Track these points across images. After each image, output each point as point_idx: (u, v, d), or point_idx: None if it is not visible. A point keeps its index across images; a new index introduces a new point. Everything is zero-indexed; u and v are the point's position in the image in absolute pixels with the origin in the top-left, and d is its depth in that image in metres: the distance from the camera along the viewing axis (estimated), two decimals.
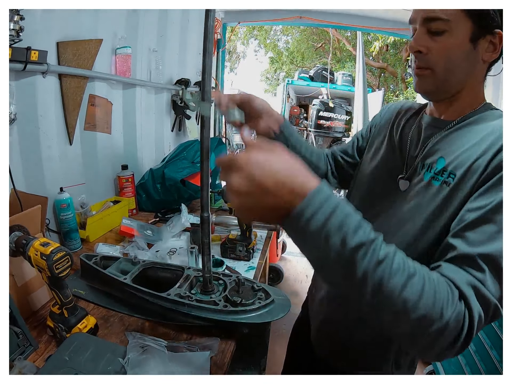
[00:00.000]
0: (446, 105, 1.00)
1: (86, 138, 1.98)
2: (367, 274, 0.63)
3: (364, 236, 0.64)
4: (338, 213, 0.64)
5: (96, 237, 1.88)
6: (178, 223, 1.89)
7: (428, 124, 1.05)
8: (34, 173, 1.63)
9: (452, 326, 0.66)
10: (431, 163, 0.94)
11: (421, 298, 0.65)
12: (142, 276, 1.33)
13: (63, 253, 0.98)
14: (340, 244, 0.63)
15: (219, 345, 1.07)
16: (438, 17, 0.87)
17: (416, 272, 0.68)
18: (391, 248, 0.68)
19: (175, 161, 2.38)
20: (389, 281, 0.64)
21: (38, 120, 1.61)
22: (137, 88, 2.44)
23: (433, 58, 0.91)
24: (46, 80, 1.60)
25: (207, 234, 1.07)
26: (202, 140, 0.97)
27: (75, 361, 0.91)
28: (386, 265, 0.65)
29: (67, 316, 1.06)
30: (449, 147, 0.93)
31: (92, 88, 1.97)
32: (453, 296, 0.69)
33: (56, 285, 1.02)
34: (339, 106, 8.53)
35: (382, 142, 1.19)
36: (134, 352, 0.92)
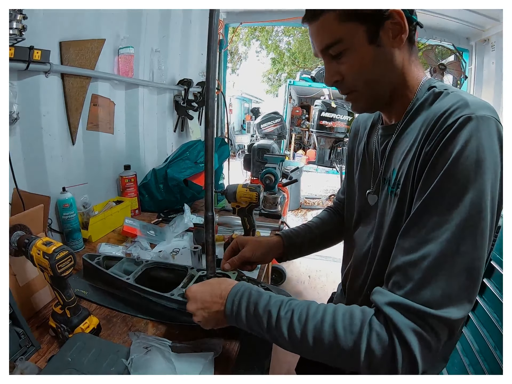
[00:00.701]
0: (389, 109, 1.00)
1: (89, 138, 1.98)
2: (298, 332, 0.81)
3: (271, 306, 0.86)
4: (248, 303, 0.90)
5: (98, 237, 1.87)
6: (181, 223, 1.88)
7: (381, 134, 1.06)
8: (37, 173, 1.62)
9: (376, 348, 0.72)
10: (389, 177, 0.96)
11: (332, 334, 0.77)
12: (145, 276, 1.32)
13: (65, 252, 0.96)
14: (264, 322, 0.86)
15: (223, 346, 1.06)
16: (330, 42, 0.87)
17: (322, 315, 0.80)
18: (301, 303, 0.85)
19: (178, 161, 2.38)
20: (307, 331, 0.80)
21: (41, 120, 1.60)
22: (139, 88, 2.44)
23: (349, 80, 0.92)
24: (48, 79, 1.60)
25: (211, 233, 1.06)
26: (206, 139, 0.95)
27: (77, 362, 0.90)
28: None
29: (70, 316, 1.05)
30: (397, 154, 0.94)
31: (95, 88, 1.96)
32: (365, 322, 0.75)
33: (58, 285, 1.01)
34: (341, 106, 8.53)
35: (357, 161, 1.20)
36: (137, 352, 0.91)
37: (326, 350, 0.78)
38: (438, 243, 0.72)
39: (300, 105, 13.05)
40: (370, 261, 1.04)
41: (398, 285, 0.76)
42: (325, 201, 7.72)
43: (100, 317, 1.19)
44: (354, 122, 1.31)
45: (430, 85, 0.91)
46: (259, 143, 3.03)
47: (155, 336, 1.02)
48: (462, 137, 0.71)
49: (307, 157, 11.05)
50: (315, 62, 17.79)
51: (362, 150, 1.17)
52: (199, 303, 0.96)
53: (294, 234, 1.36)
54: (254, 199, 1.59)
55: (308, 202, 7.60)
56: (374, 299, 0.79)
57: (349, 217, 1.25)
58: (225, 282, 1.00)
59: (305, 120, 12.56)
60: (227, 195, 1.62)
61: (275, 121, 8.09)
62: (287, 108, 10.73)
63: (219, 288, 0.97)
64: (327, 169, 9.92)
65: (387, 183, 0.97)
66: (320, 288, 3.93)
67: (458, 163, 0.71)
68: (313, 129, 8.96)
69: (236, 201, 1.62)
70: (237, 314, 0.90)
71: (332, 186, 9.04)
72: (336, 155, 8.83)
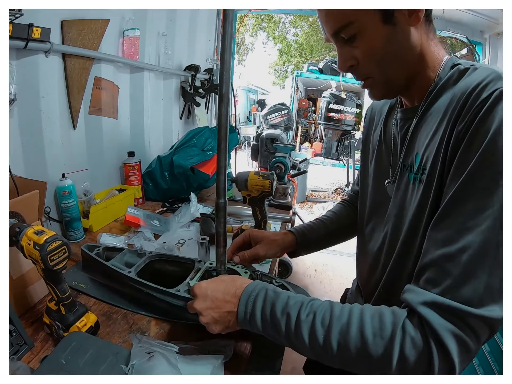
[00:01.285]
0: (409, 92, 0.92)
1: (91, 123, 1.89)
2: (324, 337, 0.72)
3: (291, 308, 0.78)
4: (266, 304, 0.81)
5: (99, 227, 1.78)
6: (187, 213, 1.80)
7: (400, 118, 0.98)
8: (35, 158, 1.53)
9: (410, 355, 0.64)
10: (412, 163, 0.88)
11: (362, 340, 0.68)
12: (148, 269, 1.23)
13: (58, 242, 0.86)
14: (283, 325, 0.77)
15: (233, 348, 0.97)
16: (341, 25, 0.79)
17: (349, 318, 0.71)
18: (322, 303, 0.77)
19: (184, 148, 2.28)
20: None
21: (40, 102, 1.51)
22: (145, 72, 2.34)
23: (365, 65, 0.84)
24: (49, 59, 1.50)
25: (223, 223, 0.96)
26: (220, 116, 0.85)
27: (72, 365, 0.80)
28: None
29: (65, 314, 0.95)
30: (420, 138, 0.86)
31: (98, 70, 1.87)
32: (397, 326, 0.67)
33: (51, 279, 0.91)
34: (349, 98, 8.47)
35: (373, 150, 1.13)
36: (139, 358, 0.80)
37: (352, 357, 0.69)
38: (479, 232, 0.63)
39: (307, 97, 12.94)
40: (387, 256, 0.96)
41: (434, 281, 0.67)
42: (331, 194, 7.67)
43: (99, 313, 1.11)
44: (369, 110, 1.23)
45: (453, 63, 0.83)
46: (268, 132, 2.96)
47: (159, 341, 0.91)
48: (499, 111, 0.63)
49: (313, 150, 10.98)
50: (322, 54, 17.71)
51: (378, 137, 1.09)
52: (209, 302, 0.87)
53: (308, 230, 1.29)
54: (267, 187, 1.49)
55: (314, 195, 7.54)
56: (407, 298, 0.70)
57: (363, 209, 1.18)
58: (239, 280, 0.91)
59: (311, 112, 12.47)
60: (238, 183, 1.53)
61: (282, 112, 8.05)
62: (293, 100, 10.68)
63: (233, 285, 0.88)
64: (333, 162, 9.87)
65: (407, 170, 0.89)
66: (327, 282, 3.90)
67: (497, 139, 0.62)
68: (320, 121, 8.90)
69: (247, 189, 1.53)
70: (251, 316, 0.81)
71: (338, 179, 8.94)
72: (343, 148, 8.77)
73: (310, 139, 12.56)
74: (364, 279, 1.16)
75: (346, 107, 8.40)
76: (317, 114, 11.27)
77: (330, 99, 8.50)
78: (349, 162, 7.60)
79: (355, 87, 9.90)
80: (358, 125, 8.30)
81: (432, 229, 0.72)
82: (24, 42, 1.31)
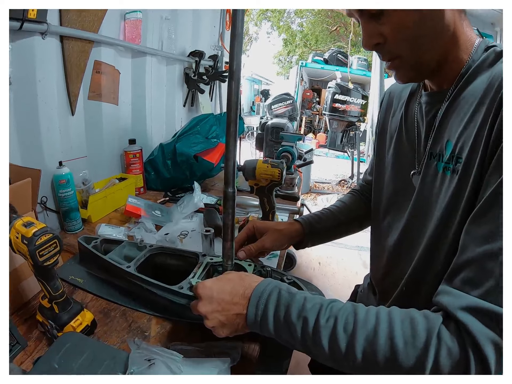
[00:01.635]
0: (437, 75, 0.84)
1: (90, 108, 1.80)
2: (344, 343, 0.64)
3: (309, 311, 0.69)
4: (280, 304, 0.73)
5: (99, 218, 1.71)
6: (190, 203, 1.73)
7: (427, 102, 0.89)
8: (31, 145, 1.45)
9: (444, 365, 0.57)
10: (441, 151, 0.81)
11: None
12: (148, 264, 1.16)
13: (49, 236, 0.78)
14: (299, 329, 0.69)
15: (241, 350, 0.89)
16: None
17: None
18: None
19: (188, 135, 2.20)
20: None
21: (36, 86, 1.42)
22: (147, 57, 2.24)
23: (393, 43, 0.76)
24: (46, 42, 1.41)
25: (231, 214, 0.88)
26: (230, 94, 0.76)
27: (65, 369, 0.73)
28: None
29: (58, 312, 0.88)
30: (452, 124, 0.79)
31: (98, 54, 1.78)
32: (432, 333, 0.59)
33: (42, 275, 0.84)
34: (355, 89, 8.40)
35: (390, 137, 1.05)
36: (138, 365, 0.72)
37: (379, 367, 0.62)
38: None
39: (311, 88, 12.86)
40: (408, 251, 0.89)
41: (473, 282, 0.60)
42: (335, 186, 7.63)
43: (96, 310, 1.04)
44: (386, 94, 1.15)
45: (487, 45, 0.77)
46: (273, 121, 2.88)
47: (160, 348, 0.82)
48: None
49: (317, 141, 10.89)
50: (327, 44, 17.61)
51: (397, 124, 1.01)
52: (215, 304, 0.79)
53: (315, 221, 1.22)
54: (276, 176, 1.40)
55: (318, 186, 7.49)
56: (443, 301, 0.63)
57: (378, 200, 1.09)
58: (247, 278, 0.83)
59: (316, 103, 12.39)
60: (245, 172, 1.44)
61: (287, 102, 7.98)
62: (298, 91, 10.60)
63: (241, 285, 0.80)
64: (337, 154, 9.81)
65: (435, 159, 0.82)
66: (331, 275, 3.86)
67: None
68: (325, 112, 8.82)
69: (255, 178, 1.44)
70: (262, 319, 0.74)
71: (342, 171, 8.88)
72: (348, 139, 8.67)
73: (314, 130, 12.50)
74: (380, 276, 1.09)
75: (352, 98, 8.31)
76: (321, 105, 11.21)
77: (336, 90, 8.41)
78: (353, 154, 7.53)
79: (360, 78, 9.82)
80: (364, 116, 8.21)
81: (471, 224, 0.65)
82: (19, 23, 1.22)
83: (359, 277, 1.36)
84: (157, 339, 0.95)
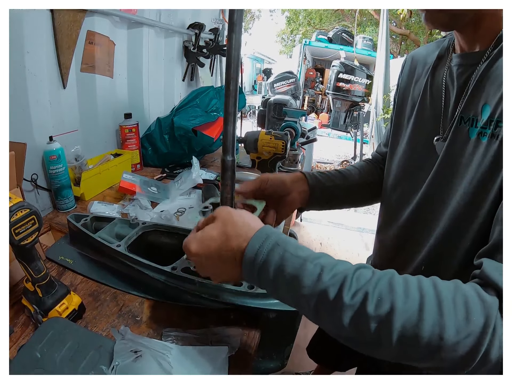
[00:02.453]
0: (473, 30, 0.74)
1: (83, 81, 1.70)
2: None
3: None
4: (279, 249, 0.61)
5: (92, 195, 1.63)
6: (188, 178, 1.65)
7: (459, 64, 0.81)
8: (19, 120, 1.36)
9: (493, 358, 0.49)
10: (475, 115, 0.73)
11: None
12: (141, 243, 1.09)
13: (26, 211, 0.70)
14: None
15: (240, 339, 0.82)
16: None
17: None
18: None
19: (186, 108, 2.11)
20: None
21: (24, 58, 1.32)
22: (144, 28, 2.13)
23: None
24: (34, 11, 1.32)
25: (230, 186, 0.78)
26: (230, 47, 0.66)
27: (48, 360, 0.67)
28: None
29: (42, 296, 0.81)
30: (492, 87, 0.69)
31: (91, 24, 1.67)
32: (489, 322, 0.49)
33: (21, 256, 0.76)
34: (360, 69, 8.28)
35: (412, 104, 0.96)
36: (122, 357, 0.65)
37: (417, 356, 0.52)
38: None
39: (314, 67, 12.70)
40: (424, 227, 0.84)
41: None
42: (337, 167, 7.53)
43: (85, 293, 0.97)
44: (408, 60, 1.05)
45: None
46: (276, 97, 2.78)
47: (148, 339, 0.74)
48: None
49: (320, 121, 10.80)
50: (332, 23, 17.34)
51: (421, 90, 0.92)
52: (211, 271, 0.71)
53: (323, 178, 1.08)
54: (279, 149, 1.33)
55: (319, 167, 7.43)
56: (498, 281, 0.52)
57: (390, 173, 1.01)
58: (234, 237, 0.65)
59: (319, 83, 12.25)
60: (247, 144, 1.37)
61: (289, 80, 7.90)
62: (301, 69, 10.47)
63: (228, 249, 0.65)
64: (339, 134, 9.73)
65: (468, 124, 0.74)
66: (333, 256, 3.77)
67: None
68: (329, 91, 8.74)
69: (257, 151, 1.37)
70: (264, 263, 0.61)
71: (344, 151, 8.79)
72: (351, 119, 8.57)
73: (316, 110, 12.38)
74: (388, 257, 1.02)
75: (357, 78, 8.22)
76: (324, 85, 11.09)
77: (340, 69, 8.30)
78: (356, 135, 7.43)
79: (365, 58, 9.67)
80: (368, 97, 8.11)
81: None
82: None
83: (361, 258, 1.29)
84: (150, 325, 0.88)
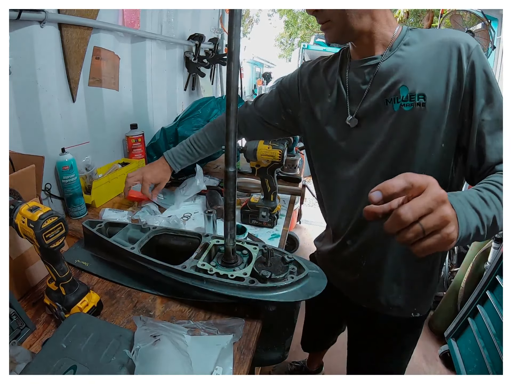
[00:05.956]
0: (361, 41, 1.03)
1: (91, 95, 1.80)
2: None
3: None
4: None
5: (102, 203, 1.73)
6: (192, 185, 1.73)
7: (362, 66, 1.06)
8: (33, 133, 1.46)
9: None
10: (395, 94, 0.97)
11: None
12: (152, 245, 1.18)
13: (54, 219, 0.80)
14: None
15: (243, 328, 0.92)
16: None
17: None
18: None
19: (189, 118, 2.20)
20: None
21: (36, 74, 1.42)
22: (147, 41, 2.22)
23: (329, 11, 0.96)
24: (44, 30, 1.41)
25: (232, 194, 0.89)
26: (230, 53, 0.74)
27: (73, 349, 0.75)
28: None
29: (65, 294, 0.90)
30: (403, 73, 0.96)
31: (97, 40, 1.77)
32: None
33: (48, 258, 0.86)
34: None
35: (329, 108, 1.18)
36: (143, 341, 0.74)
37: None
38: None
39: None
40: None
41: None
42: None
43: (102, 292, 1.06)
44: (304, 83, 1.27)
45: (408, 28, 1.01)
46: None
47: (166, 322, 0.84)
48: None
49: None
50: None
51: (336, 94, 1.14)
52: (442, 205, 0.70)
53: (181, 156, 1.64)
54: (277, 157, 1.42)
55: None
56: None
57: (320, 157, 1.26)
58: None
59: None
60: (246, 153, 1.46)
61: None
62: None
63: None
64: None
65: (391, 102, 0.98)
66: None
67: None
68: None
69: (256, 159, 1.46)
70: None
71: None
72: None
73: None
74: (338, 219, 1.24)
75: None
76: None
77: None
78: None
79: None
80: None
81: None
82: (17, 12, 1.22)
83: None
84: (162, 318, 0.97)
